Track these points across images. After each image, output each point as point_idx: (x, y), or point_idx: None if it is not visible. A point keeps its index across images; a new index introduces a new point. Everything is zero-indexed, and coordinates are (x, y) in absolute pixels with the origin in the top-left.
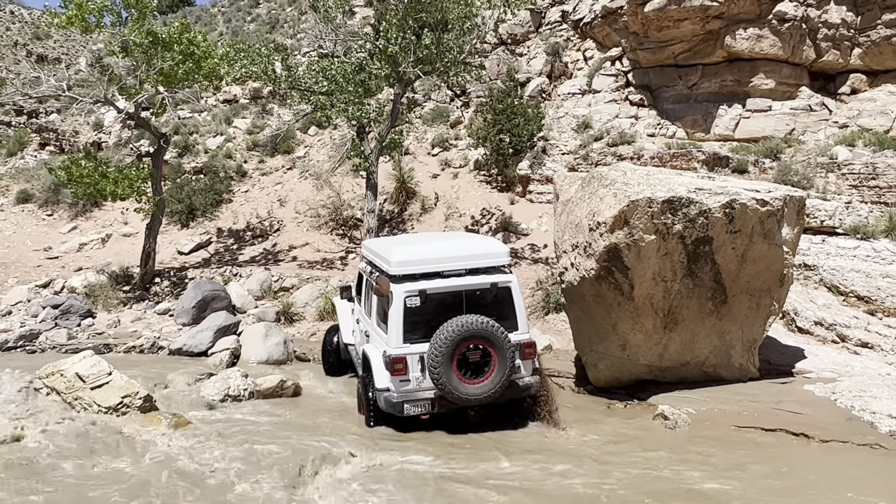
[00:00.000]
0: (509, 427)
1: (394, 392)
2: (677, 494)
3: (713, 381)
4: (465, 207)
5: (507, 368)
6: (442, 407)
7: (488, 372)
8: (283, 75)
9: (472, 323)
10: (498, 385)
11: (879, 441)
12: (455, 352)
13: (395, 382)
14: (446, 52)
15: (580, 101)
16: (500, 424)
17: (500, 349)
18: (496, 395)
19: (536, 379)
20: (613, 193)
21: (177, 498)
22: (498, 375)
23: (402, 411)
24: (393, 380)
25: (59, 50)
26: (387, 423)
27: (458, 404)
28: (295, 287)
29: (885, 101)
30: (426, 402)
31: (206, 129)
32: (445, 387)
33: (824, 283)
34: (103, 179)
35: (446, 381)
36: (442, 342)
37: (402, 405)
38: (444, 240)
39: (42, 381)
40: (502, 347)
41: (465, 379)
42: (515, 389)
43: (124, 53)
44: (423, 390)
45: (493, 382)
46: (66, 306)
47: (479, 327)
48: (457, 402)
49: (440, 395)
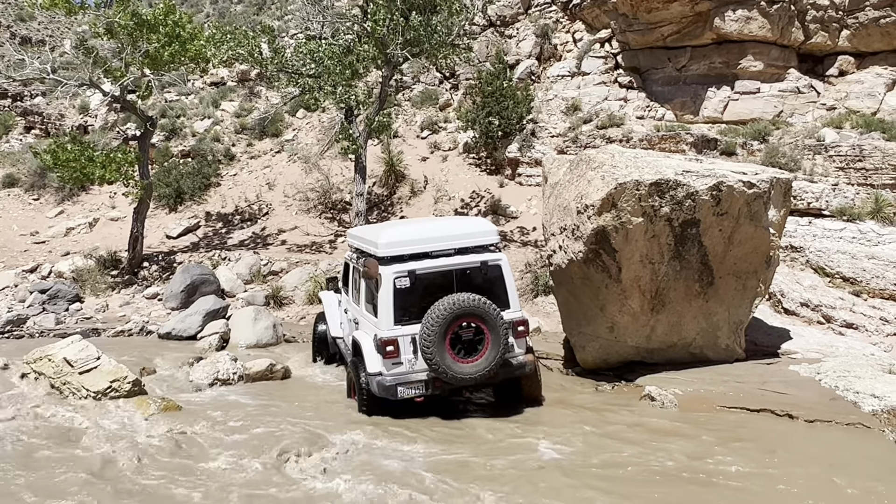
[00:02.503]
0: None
1: (386, 375)
2: (669, 472)
3: (700, 362)
4: (454, 190)
5: (500, 346)
6: (436, 388)
7: (482, 350)
8: (271, 58)
9: (463, 301)
10: (492, 363)
11: (862, 420)
12: (448, 330)
13: (387, 365)
14: (434, 34)
15: (569, 83)
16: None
17: (494, 327)
18: (491, 373)
19: (531, 357)
20: (601, 176)
21: (167, 479)
22: (492, 353)
23: (396, 395)
24: (385, 363)
25: (44, 32)
26: (381, 410)
27: (452, 384)
28: (284, 271)
29: (872, 83)
30: (420, 384)
31: (193, 112)
32: (439, 366)
33: (810, 264)
34: (90, 163)
35: (440, 361)
36: (434, 321)
37: (396, 388)
38: (432, 221)
39: (30, 367)
40: (495, 325)
41: (458, 358)
42: (510, 368)
43: (109, 35)
44: (416, 372)
45: (488, 360)
46: (53, 291)
47: (471, 305)
48: (451, 381)
49: (434, 377)
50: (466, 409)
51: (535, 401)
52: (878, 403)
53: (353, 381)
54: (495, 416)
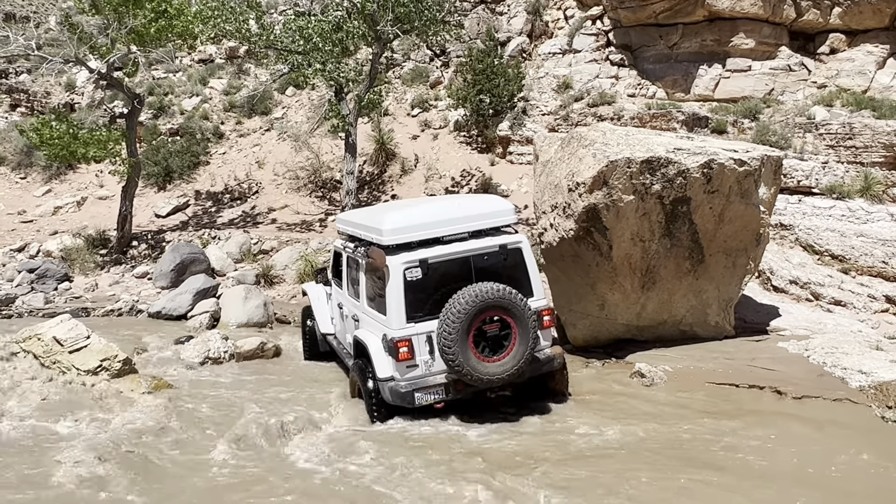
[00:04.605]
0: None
1: (400, 381)
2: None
3: (689, 339)
4: (444, 169)
5: (529, 341)
6: (458, 392)
7: (509, 346)
8: (259, 34)
9: (487, 291)
10: (521, 360)
11: (850, 396)
12: (471, 326)
13: (400, 369)
14: (425, 11)
15: (561, 61)
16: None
17: (521, 319)
18: (519, 372)
19: (558, 350)
20: (593, 154)
21: (160, 459)
22: (520, 349)
23: (414, 401)
24: (398, 366)
25: (28, 8)
26: (394, 416)
27: (477, 387)
28: (274, 250)
29: (863, 61)
30: (439, 388)
31: (181, 89)
32: (462, 367)
33: (800, 242)
34: (74, 141)
35: (463, 362)
36: (455, 316)
37: (413, 394)
38: (438, 201)
39: (19, 346)
40: (523, 317)
41: (483, 357)
42: (537, 364)
43: (94, 11)
44: (433, 375)
45: (516, 358)
46: (42, 270)
47: (496, 295)
48: (476, 383)
49: (455, 379)
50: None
51: (562, 396)
52: (866, 379)
53: (359, 386)
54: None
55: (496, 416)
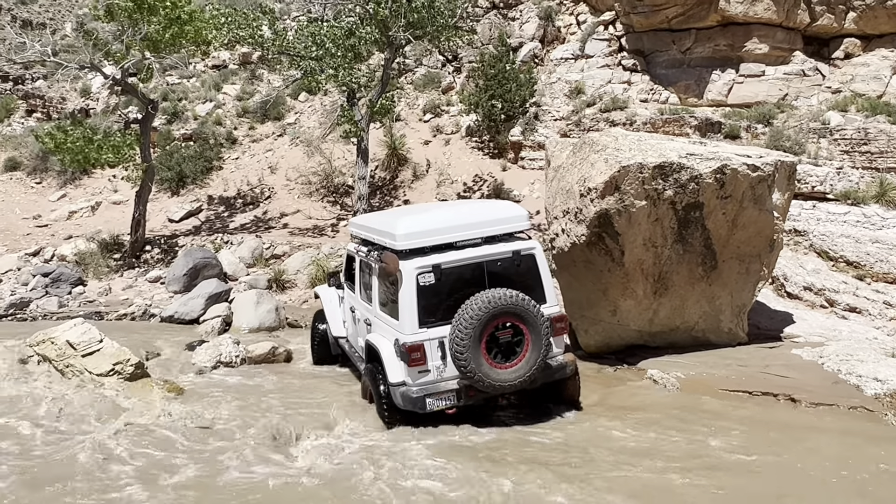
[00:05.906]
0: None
1: (412, 386)
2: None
3: (702, 345)
4: (456, 174)
5: (542, 347)
6: (469, 398)
7: (521, 353)
8: (272, 40)
9: (500, 298)
10: (533, 367)
11: (865, 404)
12: (483, 332)
13: (412, 374)
14: (437, 16)
15: (573, 66)
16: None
17: (534, 326)
18: (532, 378)
19: (571, 357)
20: (605, 159)
21: (172, 462)
22: (533, 356)
23: (425, 407)
24: (410, 371)
25: (45, 15)
26: (405, 421)
27: (488, 393)
28: (286, 254)
29: (878, 65)
30: (451, 393)
31: (194, 95)
32: (475, 374)
33: (814, 248)
34: (89, 146)
35: (475, 368)
36: (467, 322)
37: (424, 400)
38: (452, 206)
39: (33, 349)
40: (536, 324)
41: (495, 363)
42: (549, 371)
43: (109, 18)
44: (445, 380)
45: (529, 364)
46: (56, 274)
47: (509, 302)
48: (488, 390)
49: (467, 385)
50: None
51: (574, 404)
52: (881, 387)
53: (371, 390)
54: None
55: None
